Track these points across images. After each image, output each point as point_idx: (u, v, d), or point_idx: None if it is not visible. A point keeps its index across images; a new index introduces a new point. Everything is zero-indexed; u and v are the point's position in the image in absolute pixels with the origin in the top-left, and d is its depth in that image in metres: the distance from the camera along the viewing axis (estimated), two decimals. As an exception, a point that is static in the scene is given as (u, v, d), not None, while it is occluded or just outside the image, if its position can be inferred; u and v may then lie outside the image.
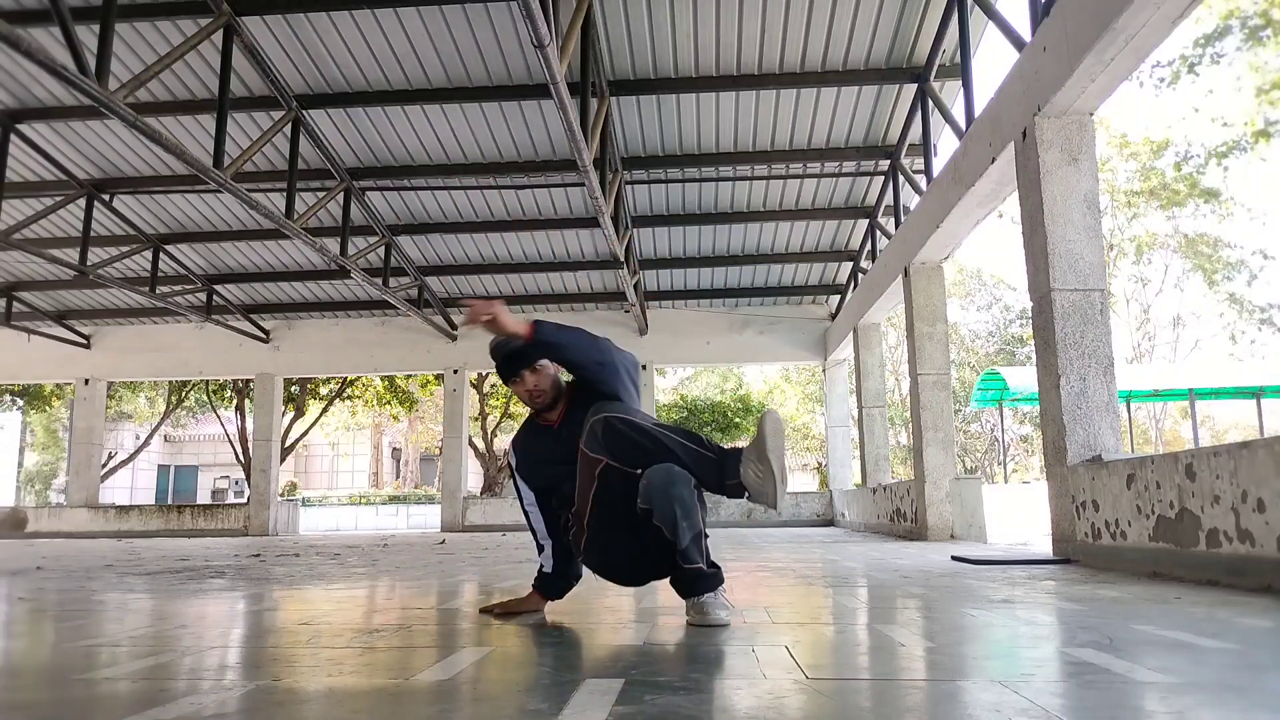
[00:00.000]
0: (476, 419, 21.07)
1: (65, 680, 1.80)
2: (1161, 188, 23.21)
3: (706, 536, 2.54)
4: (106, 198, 10.70)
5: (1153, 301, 26.76)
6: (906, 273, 8.74)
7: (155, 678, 1.80)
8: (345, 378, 20.23)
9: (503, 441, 26.02)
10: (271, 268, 13.19)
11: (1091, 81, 4.82)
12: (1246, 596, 2.96)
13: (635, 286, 11.93)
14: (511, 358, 2.69)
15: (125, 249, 11.67)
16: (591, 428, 2.50)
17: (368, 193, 10.76)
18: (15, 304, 13.79)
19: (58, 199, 10.32)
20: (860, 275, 12.11)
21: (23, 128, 9.07)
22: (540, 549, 2.85)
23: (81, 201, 10.48)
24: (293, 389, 19.65)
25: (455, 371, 14.89)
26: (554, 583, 2.86)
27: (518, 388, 2.73)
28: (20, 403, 21.91)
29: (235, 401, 20.39)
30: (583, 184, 8.32)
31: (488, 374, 20.60)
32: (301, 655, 2.06)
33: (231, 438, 20.70)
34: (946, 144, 8.74)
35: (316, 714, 1.47)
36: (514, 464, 2.86)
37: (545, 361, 2.72)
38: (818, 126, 9.50)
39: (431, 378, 19.94)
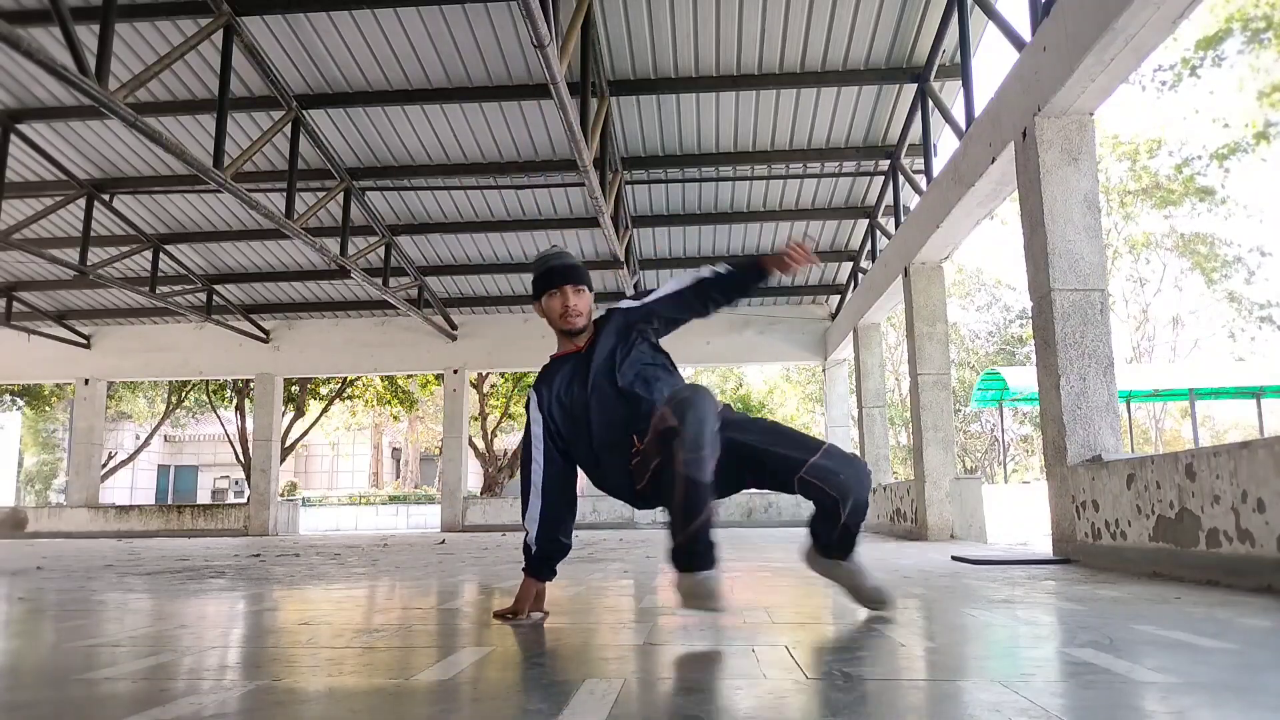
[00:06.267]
0: (476, 419, 21.06)
1: (65, 680, 1.80)
2: (1155, 187, 23.21)
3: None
4: (106, 198, 10.70)
5: (1151, 301, 26.77)
6: (906, 273, 8.74)
7: (155, 678, 1.80)
8: (345, 378, 20.23)
9: (503, 442, 26.02)
10: (271, 268, 13.19)
11: (1091, 81, 4.82)
12: (1246, 596, 2.95)
13: (635, 286, 11.93)
14: (565, 271, 2.47)
15: (125, 249, 11.67)
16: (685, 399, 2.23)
17: (368, 193, 10.76)
18: (15, 304, 13.79)
19: (58, 199, 10.32)
20: (860, 275, 12.11)
21: (23, 128, 9.07)
22: (526, 507, 2.56)
23: (81, 201, 10.48)
24: (293, 389, 19.64)
25: (455, 371, 14.89)
26: (539, 565, 2.61)
27: (553, 300, 2.51)
28: (20, 403, 21.90)
29: (235, 401, 20.39)
30: (583, 184, 8.32)
31: (487, 374, 20.61)
32: (301, 655, 2.06)
33: (231, 438, 20.70)
34: (946, 144, 8.75)
35: (316, 714, 1.47)
36: (535, 399, 2.59)
37: (585, 287, 2.58)
38: (818, 126, 9.50)
39: (431, 378, 19.95)
